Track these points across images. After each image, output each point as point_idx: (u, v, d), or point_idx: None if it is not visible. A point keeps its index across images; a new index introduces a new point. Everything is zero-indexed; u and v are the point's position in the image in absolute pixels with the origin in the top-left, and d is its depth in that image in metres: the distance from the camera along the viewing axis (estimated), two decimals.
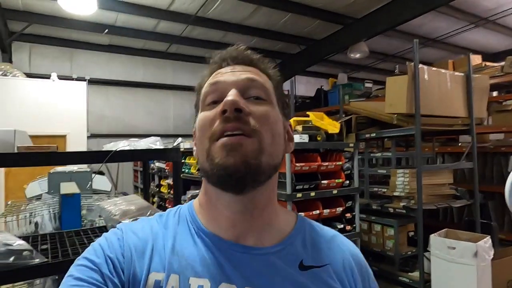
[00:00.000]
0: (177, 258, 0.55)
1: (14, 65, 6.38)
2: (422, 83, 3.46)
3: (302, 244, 0.60)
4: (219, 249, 0.56)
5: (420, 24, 6.95)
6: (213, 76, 0.62)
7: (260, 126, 0.54)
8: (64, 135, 5.22)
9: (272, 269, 0.55)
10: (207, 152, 0.54)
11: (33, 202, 2.05)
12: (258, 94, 0.58)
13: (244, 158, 0.51)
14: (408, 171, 3.61)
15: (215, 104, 0.57)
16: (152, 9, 5.99)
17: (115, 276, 0.54)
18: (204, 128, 0.57)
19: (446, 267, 3.11)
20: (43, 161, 1.12)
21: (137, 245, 0.57)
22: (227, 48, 0.66)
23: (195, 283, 0.53)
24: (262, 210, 0.58)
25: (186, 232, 0.59)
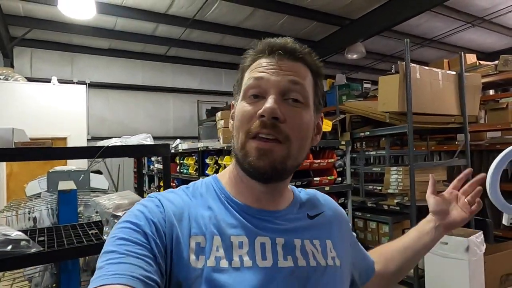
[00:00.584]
0: (214, 222, 0.62)
1: (16, 69, 6.50)
2: (414, 81, 3.52)
3: (301, 204, 0.75)
4: (248, 213, 0.65)
5: (416, 24, 7.02)
6: (257, 66, 0.65)
7: (292, 133, 0.62)
8: (64, 137, 5.32)
9: (290, 223, 0.69)
10: (241, 144, 0.63)
11: (32, 200, 2.13)
12: (297, 98, 0.64)
13: (272, 163, 0.61)
14: (402, 168, 3.66)
15: (256, 98, 0.63)
16: (151, 13, 6.09)
17: (157, 237, 0.56)
18: (242, 122, 0.63)
19: (439, 262, 3.15)
20: (39, 156, 1.20)
21: (175, 211, 0.61)
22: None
23: (235, 240, 0.61)
24: (281, 192, 0.71)
25: (217, 201, 0.67)
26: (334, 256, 0.70)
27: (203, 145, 4.21)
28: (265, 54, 0.66)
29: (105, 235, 1.43)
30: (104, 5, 5.58)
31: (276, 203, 0.70)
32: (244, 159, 0.62)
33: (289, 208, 0.72)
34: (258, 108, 0.61)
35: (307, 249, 0.67)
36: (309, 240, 0.68)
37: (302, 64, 0.66)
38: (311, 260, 0.66)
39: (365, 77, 9.63)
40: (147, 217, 0.59)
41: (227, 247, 0.60)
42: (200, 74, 8.91)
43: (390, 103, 3.61)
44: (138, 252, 0.53)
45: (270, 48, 0.65)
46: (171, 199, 0.64)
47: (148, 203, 0.62)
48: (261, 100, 0.62)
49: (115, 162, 7.24)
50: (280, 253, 0.63)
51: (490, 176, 2.05)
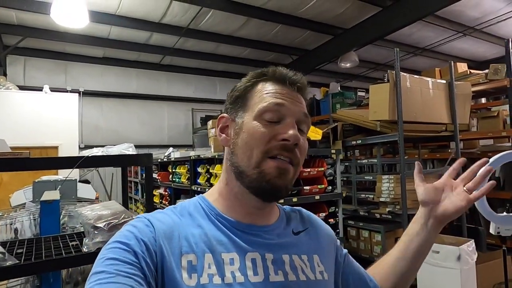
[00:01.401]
0: (205, 240, 0.63)
1: (9, 78, 6.48)
2: (404, 90, 3.54)
3: (287, 220, 0.77)
4: (238, 229, 0.67)
5: (408, 33, 7.10)
6: (273, 90, 0.69)
7: (301, 159, 0.68)
8: (56, 146, 5.28)
9: (278, 238, 0.71)
10: (256, 163, 0.64)
11: (17, 211, 2.09)
12: (304, 129, 0.71)
13: (286, 183, 0.66)
14: (393, 176, 3.66)
15: (272, 122, 0.66)
16: (145, 22, 6.12)
17: (147, 256, 0.57)
18: (259, 141, 0.65)
19: (430, 271, 3.13)
20: (15, 166, 1.18)
21: (165, 230, 0.62)
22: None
23: (226, 257, 0.62)
24: (272, 207, 0.75)
25: (206, 219, 0.68)
26: (322, 270, 0.73)
27: (195, 154, 4.19)
28: (284, 83, 0.70)
29: (84, 246, 1.40)
30: (98, 14, 5.61)
31: (266, 218, 0.73)
32: (261, 178, 0.64)
33: (276, 223, 0.74)
34: (277, 131, 0.65)
35: (296, 264, 0.69)
36: (297, 255, 0.71)
37: (303, 98, 0.73)
38: (300, 274, 0.68)
39: (359, 86, 9.70)
40: (137, 236, 0.59)
41: (218, 264, 0.61)
42: (195, 82, 8.93)
43: (381, 112, 3.63)
44: (128, 272, 0.53)
45: (290, 80, 0.70)
46: (160, 219, 0.65)
47: (138, 223, 0.63)
48: (278, 124, 0.66)
49: (108, 171, 7.19)
50: (271, 268, 0.65)
51: None
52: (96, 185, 7.25)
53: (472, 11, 6.30)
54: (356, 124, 4.14)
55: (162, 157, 5.40)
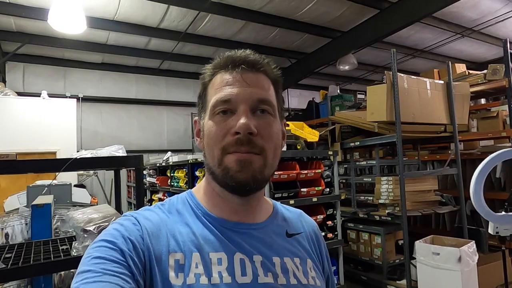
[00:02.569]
0: (193, 239, 0.62)
1: (8, 84, 6.50)
2: (402, 91, 3.53)
3: (281, 219, 0.75)
4: (226, 228, 0.65)
5: (406, 35, 7.10)
6: (221, 81, 0.66)
7: (266, 144, 0.63)
8: (54, 151, 5.27)
9: (269, 238, 0.69)
10: (219, 161, 0.62)
11: (10, 216, 2.08)
12: (265, 109, 0.65)
13: (253, 174, 0.62)
14: (392, 178, 3.64)
15: (225, 114, 0.63)
16: (143, 27, 6.13)
17: (135, 254, 0.56)
18: (216, 139, 0.63)
19: (431, 273, 3.09)
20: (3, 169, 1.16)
21: (152, 228, 0.61)
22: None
23: (214, 256, 0.61)
24: (258, 200, 0.71)
25: (193, 217, 0.66)
26: (314, 276, 0.70)
27: (192, 158, 4.17)
28: (227, 69, 0.66)
29: (73, 250, 1.38)
30: (96, 20, 5.63)
31: (254, 214, 0.70)
32: (224, 175, 0.62)
33: (267, 220, 0.72)
34: (230, 125, 0.62)
35: (287, 266, 0.66)
36: (289, 258, 0.68)
37: (264, 75, 0.68)
38: (291, 278, 0.65)
39: (358, 88, 9.71)
40: (124, 235, 0.58)
41: (206, 263, 0.60)
42: (194, 86, 8.94)
43: (378, 113, 3.61)
44: (115, 270, 0.52)
45: (233, 62, 0.66)
46: (147, 217, 0.64)
47: (125, 222, 0.62)
48: (230, 116, 0.63)
49: (108, 177, 7.17)
50: (260, 269, 0.63)
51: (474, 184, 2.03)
52: (96, 190, 7.24)
53: (469, 12, 6.30)
54: (354, 125, 4.12)
55: (160, 162, 5.39)
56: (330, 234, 3.11)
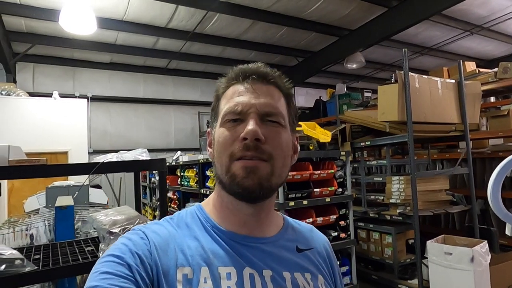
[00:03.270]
0: (202, 253, 0.62)
1: (18, 85, 6.56)
2: (413, 90, 3.52)
3: (292, 234, 0.74)
4: (236, 242, 0.65)
5: (415, 33, 7.06)
6: (233, 92, 0.67)
7: (274, 152, 0.63)
8: (65, 151, 5.33)
9: (279, 253, 0.68)
10: (226, 168, 0.63)
11: (31, 217, 2.12)
12: (275, 119, 0.66)
13: (259, 180, 0.61)
14: (403, 178, 3.64)
15: (235, 122, 0.64)
16: (151, 27, 6.17)
17: (142, 269, 0.56)
18: (224, 146, 0.64)
19: (443, 273, 3.10)
20: (34, 174, 1.19)
21: (160, 242, 0.61)
22: (234, 63, 0.73)
23: (223, 271, 0.60)
24: (267, 212, 0.70)
25: (203, 230, 0.66)
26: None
27: (203, 157, 4.20)
28: (239, 81, 0.68)
29: (100, 252, 1.41)
30: (105, 20, 5.66)
31: (264, 228, 0.70)
32: (231, 181, 0.62)
33: (277, 235, 0.71)
34: (238, 132, 0.63)
35: (298, 282, 0.66)
36: (300, 273, 0.67)
37: (274, 87, 0.69)
38: None
39: (365, 86, 9.66)
40: (131, 249, 0.58)
41: (215, 278, 0.59)
42: (201, 86, 8.97)
43: (389, 113, 3.61)
44: (122, 286, 0.52)
45: (244, 74, 0.68)
46: (156, 231, 0.64)
47: (132, 236, 0.62)
48: (240, 124, 0.64)
49: (117, 176, 7.24)
50: (269, 285, 0.62)
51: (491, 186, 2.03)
52: (105, 189, 7.30)
53: (479, 9, 6.25)
54: (365, 125, 4.12)
55: (170, 161, 5.43)
56: (343, 234, 3.12)
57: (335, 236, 3.04)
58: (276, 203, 2.90)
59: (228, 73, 0.71)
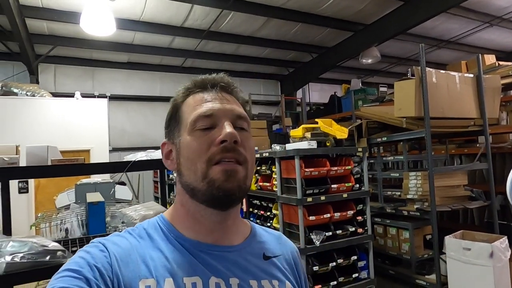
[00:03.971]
0: (165, 264, 0.60)
1: (41, 85, 6.80)
2: (430, 86, 3.50)
3: (259, 241, 0.73)
4: (201, 251, 0.64)
5: (432, 26, 6.95)
6: (199, 100, 0.68)
7: (248, 156, 0.64)
8: (88, 149, 5.52)
9: (245, 261, 0.68)
10: (203, 174, 0.61)
11: (62, 212, 2.24)
12: (243, 126, 0.67)
13: (238, 183, 0.62)
14: (420, 173, 3.63)
15: (206, 130, 0.64)
16: (167, 26, 6.28)
17: (101, 283, 0.54)
18: (198, 152, 0.62)
19: (462, 268, 3.10)
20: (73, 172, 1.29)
21: (121, 255, 0.59)
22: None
23: (188, 281, 0.59)
24: (234, 219, 0.70)
25: (165, 241, 0.64)
26: None
27: None
28: (206, 88, 0.69)
29: None
30: (123, 21, 5.80)
31: (230, 236, 0.69)
32: (210, 186, 0.61)
33: (244, 243, 0.71)
34: (214, 136, 0.63)
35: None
36: (267, 280, 0.67)
37: (234, 96, 0.71)
38: None
39: (381, 81, 9.57)
40: (89, 262, 0.56)
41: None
42: None
43: (406, 108, 3.60)
44: None
45: (211, 82, 0.69)
46: (117, 242, 0.62)
47: (91, 249, 0.60)
48: (212, 130, 0.64)
49: (135, 172, 7.43)
50: None
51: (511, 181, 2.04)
52: None
53: (499, 0, 6.10)
54: (382, 121, 4.12)
55: None
56: (360, 229, 3.16)
57: (352, 231, 3.08)
58: (294, 199, 2.96)
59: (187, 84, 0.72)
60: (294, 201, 2.93)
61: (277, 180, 3.18)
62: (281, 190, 3.19)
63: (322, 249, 2.90)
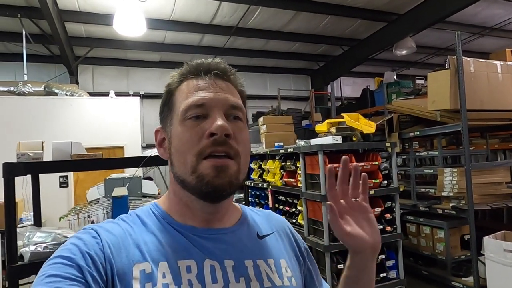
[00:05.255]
0: (159, 247, 0.60)
1: (80, 86, 7.18)
2: (468, 76, 3.29)
3: (251, 222, 0.73)
4: (194, 234, 0.63)
5: (473, 13, 6.51)
6: (192, 87, 0.65)
7: (240, 149, 0.62)
8: (122, 146, 5.76)
9: (240, 242, 0.67)
10: (192, 167, 0.60)
11: (92, 205, 2.35)
12: (238, 115, 0.65)
13: (229, 179, 0.60)
14: (456, 169, 3.43)
15: (197, 119, 0.62)
16: (196, 24, 6.38)
17: (94, 270, 0.53)
18: (189, 145, 0.61)
19: (502, 271, 2.89)
20: (91, 166, 1.34)
21: (114, 241, 0.59)
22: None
23: (183, 264, 0.59)
24: (227, 209, 0.70)
25: (159, 226, 0.64)
26: (290, 276, 0.68)
27: None
28: (199, 75, 0.65)
29: None
30: (154, 21, 5.97)
31: (223, 220, 0.68)
32: (199, 181, 0.60)
33: (236, 225, 0.70)
34: (204, 128, 0.61)
35: (260, 269, 0.65)
36: (263, 260, 0.66)
37: (231, 84, 0.68)
38: (265, 281, 0.63)
39: (417, 73, 9.12)
40: (81, 249, 0.55)
41: (174, 272, 0.58)
42: (245, 79, 8.84)
43: (440, 101, 3.41)
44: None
45: (205, 68, 0.66)
46: (109, 229, 0.61)
47: (83, 235, 0.59)
48: (204, 121, 0.62)
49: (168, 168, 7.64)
50: (231, 275, 0.61)
51: None
52: (158, 181, 7.77)
53: None
54: (414, 114, 3.93)
55: None
56: (389, 228, 3.03)
57: (380, 229, 2.95)
58: (318, 195, 2.89)
59: (182, 67, 0.69)
60: (318, 197, 2.87)
61: (301, 176, 3.13)
62: (306, 186, 3.14)
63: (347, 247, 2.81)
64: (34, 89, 5.87)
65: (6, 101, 5.57)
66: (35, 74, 6.96)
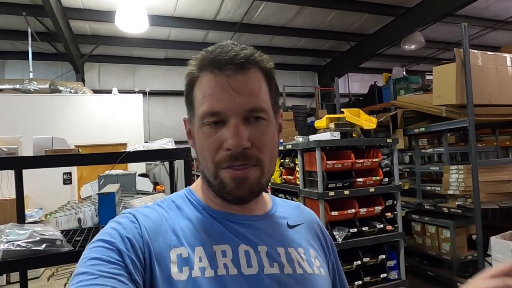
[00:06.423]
0: (195, 233, 0.61)
1: (86, 83, 7.24)
2: (475, 69, 3.16)
3: (281, 211, 0.74)
4: (228, 220, 0.65)
5: (484, 6, 6.31)
6: (208, 88, 0.60)
7: (261, 155, 0.60)
8: (124, 143, 5.75)
9: (271, 229, 0.68)
10: (214, 174, 0.60)
11: (84, 202, 2.33)
12: (259, 115, 0.60)
13: (251, 188, 0.60)
14: (463, 167, 3.30)
15: (216, 124, 0.59)
16: (200, 21, 6.34)
17: (133, 254, 0.55)
18: (208, 152, 0.60)
19: None
20: (66, 162, 1.30)
21: (151, 226, 0.60)
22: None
23: (218, 249, 0.60)
24: (256, 200, 0.69)
25: (194, 212, 0.65)
26: (319, 266, 0.69)
27: None
28: (213, 72, 0.60)
29: None
30: (157, 18, 5.95)
31: (254, 208, 0.69)
32: (221, 188, 0.60)
33: (267, 213, 0.71)
34: (221, 138, 0.58)
35: (292, 257, 0.65)
36: (294, 248, 0.67)
37: (254, 70, 0.61)
38: (297, 268, 0.64)
39: (427, 69, 8.91)
40: (121, 234, 0.56)
41: (210, 256, 0.59)
42: None
43: (446, 95, 3.28)
44: (111, 272, 0.51)
45: (219, 64, 0.59)
46: (146, 214, 0.63)
47: (122, 220, 0.60)
48: (221, 127, 0.59)
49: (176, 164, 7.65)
50: (265, 260, 0.62)
51: None
52: (163, 178, 7.79)
53: None
54: (419, 110, 3.80)
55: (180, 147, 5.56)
56: (390, 226, 2.92)
57: (381, 228, 2.86)
58: (315, 193, 2.81)
59: (202, 52, 0.64)
60: (315, 195, 2.78)
61: (299, 173, 3.05)
62: (304, 184, 3.06)
63: (345, 246, 2.73)
64: (40, 86, 5.92)
65: (12, 98, 5.64)
66: (42, 72, 7.04)
